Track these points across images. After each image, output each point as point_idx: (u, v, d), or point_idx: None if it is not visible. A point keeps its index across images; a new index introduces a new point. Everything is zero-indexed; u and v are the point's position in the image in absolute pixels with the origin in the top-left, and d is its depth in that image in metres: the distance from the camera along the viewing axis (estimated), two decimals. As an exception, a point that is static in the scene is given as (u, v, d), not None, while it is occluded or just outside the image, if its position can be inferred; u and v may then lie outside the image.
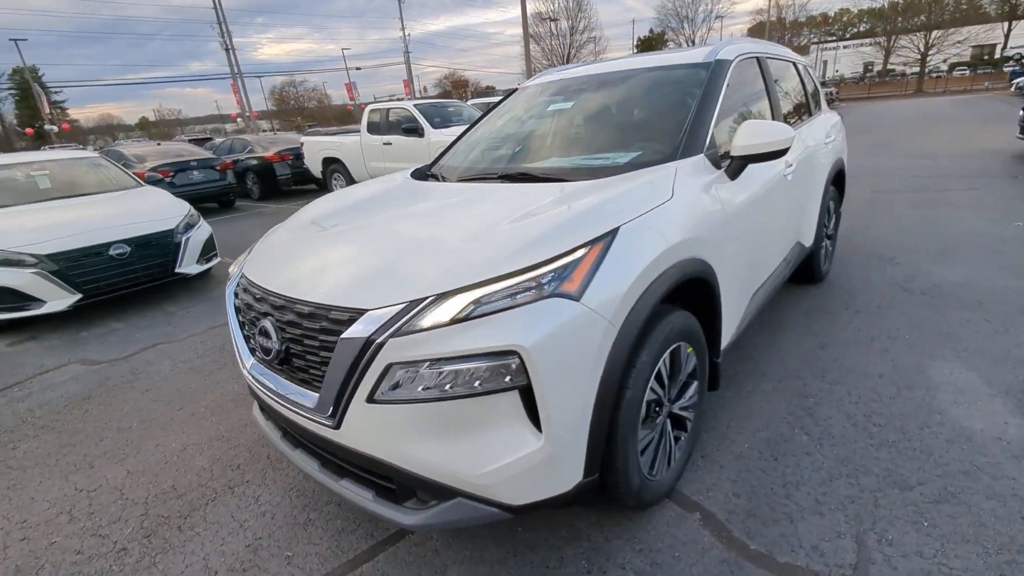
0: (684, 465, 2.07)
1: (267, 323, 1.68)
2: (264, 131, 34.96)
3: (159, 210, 5.06)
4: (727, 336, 2.26)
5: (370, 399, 1.40)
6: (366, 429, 1.46)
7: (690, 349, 1.94)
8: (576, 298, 1.40)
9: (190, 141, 16.82)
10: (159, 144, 12.19)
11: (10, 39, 36.89)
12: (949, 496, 1.86)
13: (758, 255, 2.51)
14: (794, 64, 3.49)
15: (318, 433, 1.57)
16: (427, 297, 1.39)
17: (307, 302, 1.57)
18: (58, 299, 4.24)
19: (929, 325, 3.12)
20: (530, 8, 33.16)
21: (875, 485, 1.94)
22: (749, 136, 2.10)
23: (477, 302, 1.37)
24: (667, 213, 1.77)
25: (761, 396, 2.58)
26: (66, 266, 4.21)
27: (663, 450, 1.91)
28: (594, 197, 1.76)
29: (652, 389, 1.73)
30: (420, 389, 1.36)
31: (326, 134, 10.76)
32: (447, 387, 1.35)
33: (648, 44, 52.12)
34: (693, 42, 46.29)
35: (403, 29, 39.21)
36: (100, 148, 13.72)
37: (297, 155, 11.05)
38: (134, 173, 9.61)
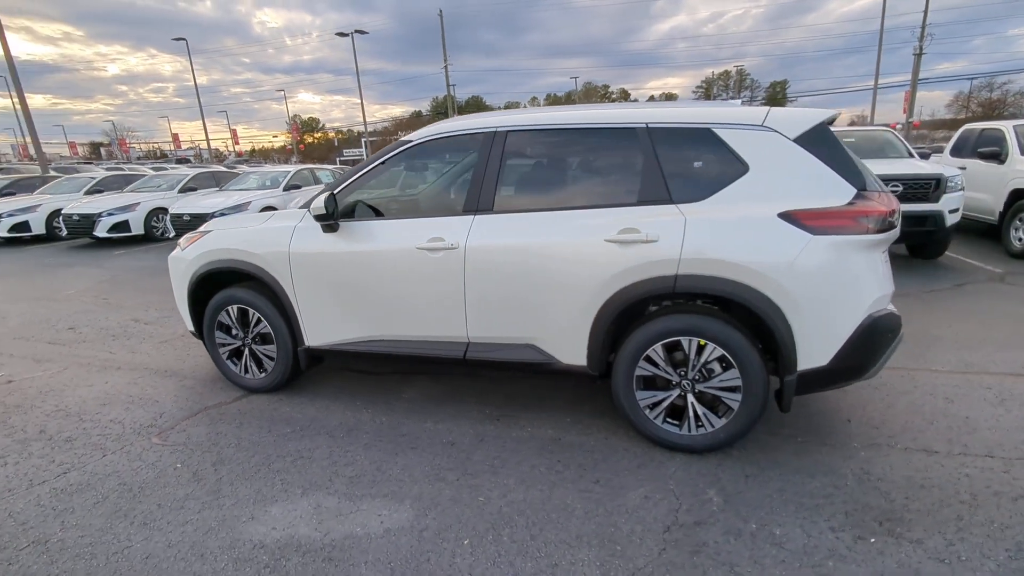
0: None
1: None
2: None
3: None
4: (316, 338, 3.15)
5: None
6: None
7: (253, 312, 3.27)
8: (183, 248, 3.46)
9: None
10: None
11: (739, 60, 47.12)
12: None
13: (376, 301, 2.94)
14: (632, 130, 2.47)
15: None
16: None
17: None
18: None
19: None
20: None
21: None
22: (316, 202, 2.90)
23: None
24: (248, 231, 3.25)
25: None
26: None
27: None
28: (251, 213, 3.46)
29: (225, 324, 3.38)
30: None
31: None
32: None
33: None
34: None
35: None
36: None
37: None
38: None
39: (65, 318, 5.41)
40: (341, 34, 34.23)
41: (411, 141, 2.96)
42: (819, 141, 2.32)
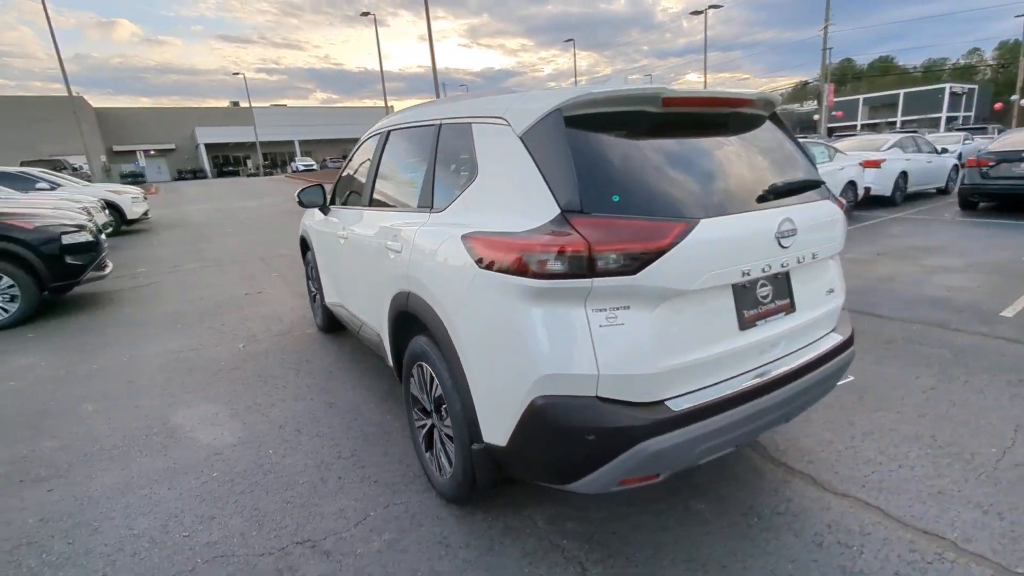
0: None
1: None
2: None
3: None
4: (327, 297, 3.98)
5: None
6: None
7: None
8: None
9: None
10: None
11: None
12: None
13: (340, 268, 3.50)
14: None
15: None
16: None
17: None
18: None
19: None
20: None
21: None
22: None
23: None
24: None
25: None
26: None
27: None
28: None
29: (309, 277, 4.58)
30: None
31: None
32: None
33: None
34: None
35: None
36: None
37: None
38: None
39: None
40: (696, 12, 33.29)
41: (362, 142, 3.33)
42: (545, 137, 1.58)
